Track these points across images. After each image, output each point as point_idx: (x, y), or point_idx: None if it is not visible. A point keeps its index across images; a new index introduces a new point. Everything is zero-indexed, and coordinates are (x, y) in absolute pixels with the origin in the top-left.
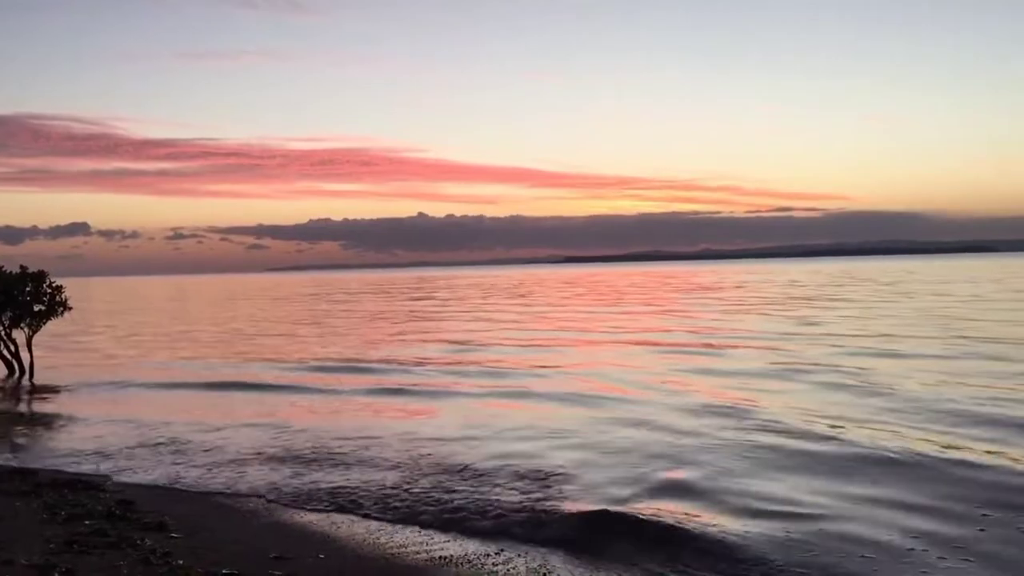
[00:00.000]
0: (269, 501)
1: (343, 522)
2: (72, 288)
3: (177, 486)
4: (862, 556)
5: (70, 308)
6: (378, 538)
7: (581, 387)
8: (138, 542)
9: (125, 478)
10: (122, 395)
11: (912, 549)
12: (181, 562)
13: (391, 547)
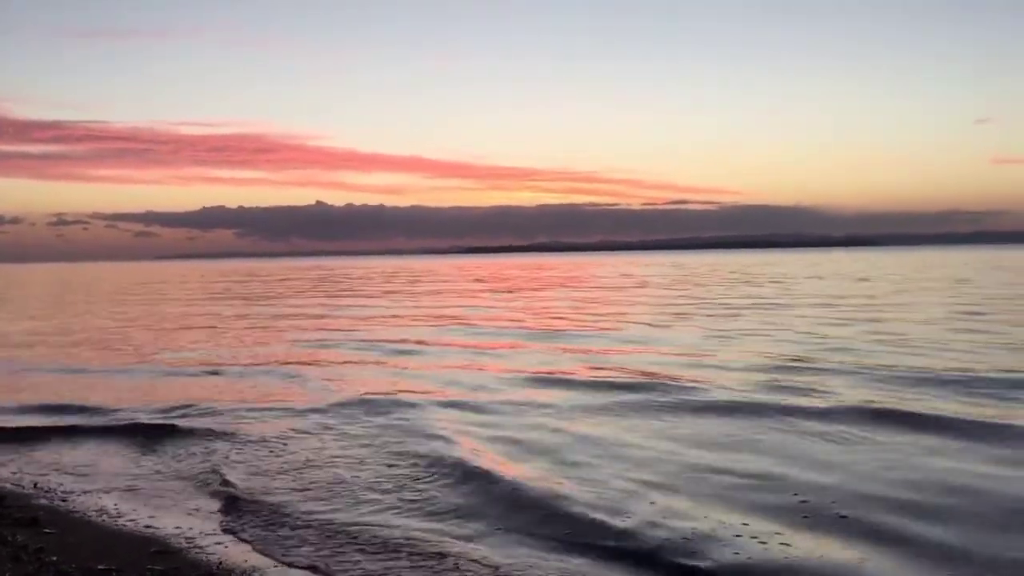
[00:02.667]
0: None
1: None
2: None
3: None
4: None
5: None
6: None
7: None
8: (9, 539)
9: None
10: None
11: None
12: (54, 558)
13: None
